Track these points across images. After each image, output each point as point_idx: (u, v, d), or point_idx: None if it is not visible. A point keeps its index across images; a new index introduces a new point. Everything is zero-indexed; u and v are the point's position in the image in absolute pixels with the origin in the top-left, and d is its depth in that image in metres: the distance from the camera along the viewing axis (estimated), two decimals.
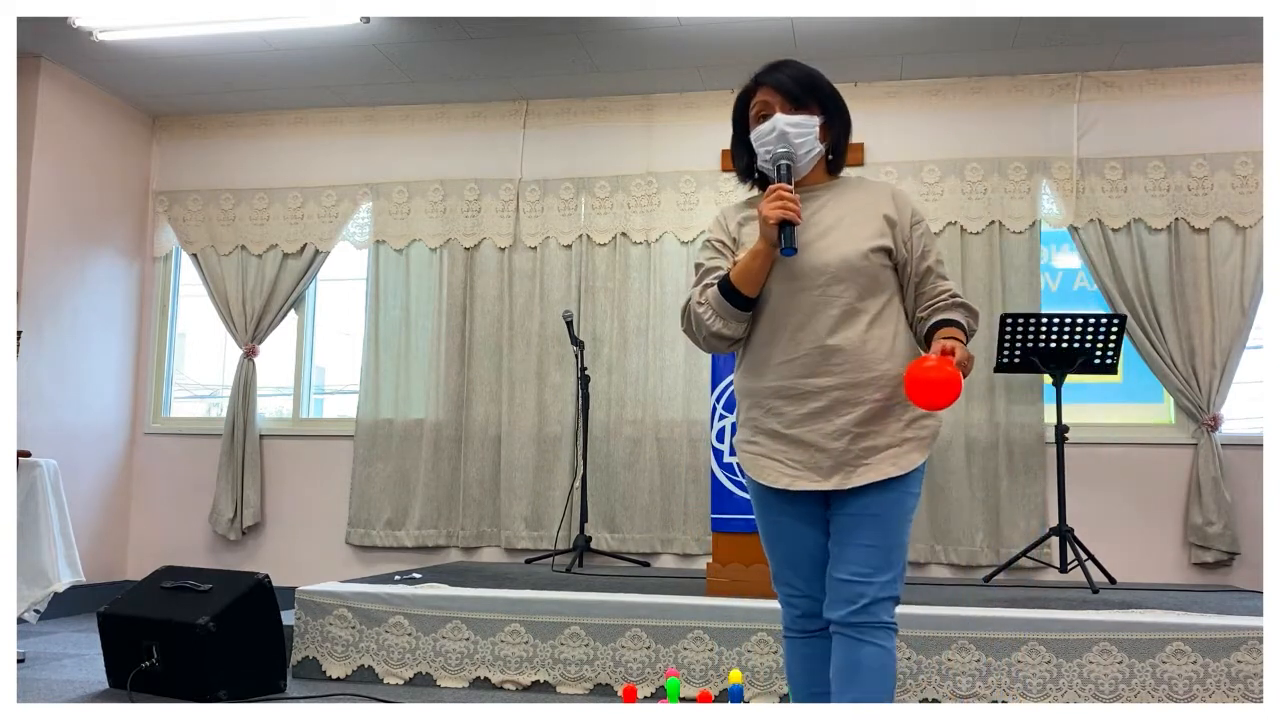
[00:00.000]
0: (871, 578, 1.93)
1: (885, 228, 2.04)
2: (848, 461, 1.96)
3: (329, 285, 5.95)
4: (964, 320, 2.03)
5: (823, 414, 1.98)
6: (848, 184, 2.13)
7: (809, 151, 2.06)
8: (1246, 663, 3.14)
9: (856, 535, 1.95)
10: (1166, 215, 4.98)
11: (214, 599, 3.30)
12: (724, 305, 2.04)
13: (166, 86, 5.52)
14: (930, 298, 2.06)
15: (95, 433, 5.52)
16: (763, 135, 2.06)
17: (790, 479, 2.00)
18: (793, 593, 2.07)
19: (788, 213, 1.94)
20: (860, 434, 1.96)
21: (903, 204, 2.09)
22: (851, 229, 2.03)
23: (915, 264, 2.06)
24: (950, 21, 4.61)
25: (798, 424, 2.00)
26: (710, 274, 2.11)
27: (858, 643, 1.91)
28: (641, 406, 5.27)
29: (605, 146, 5.52)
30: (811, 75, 2.09)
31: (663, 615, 3.47)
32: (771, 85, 2.08)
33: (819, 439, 1.98)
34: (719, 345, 2.11)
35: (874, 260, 2.01)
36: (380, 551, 5.47)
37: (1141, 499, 4.91)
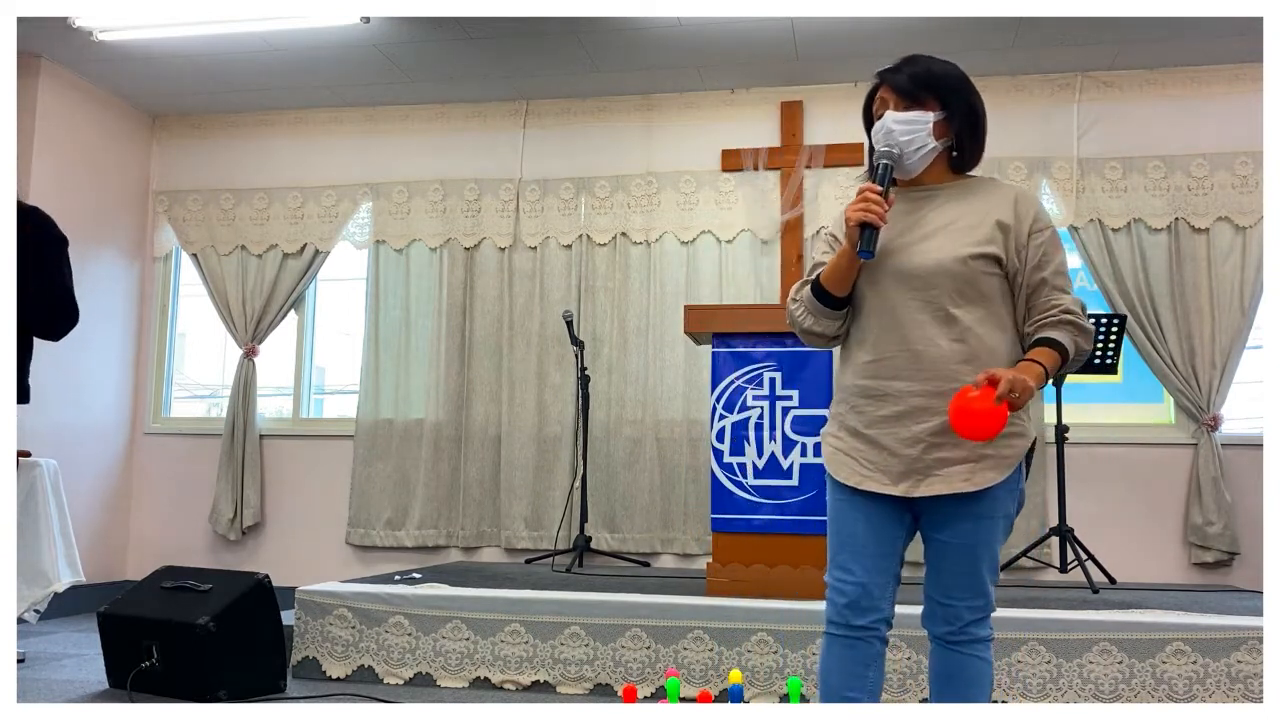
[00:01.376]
0: (965, 602, 1.96)
1: (996, 234, 1.95)
2: (918, 470, 1.93)
3: (329, 285, 5.95)
4: (1068, 340, 1.93)
5: (900, 419, 1.95)
6: (972, 185, 2.05)
7: (919, 149, 1.98)
8: (1246, 663, 3.14)
9: (950, 563, 1.96)
10: (1166, 215, 4.98)
11: (214, 599, 3.30)
12: (814, 303, 2.03)
13: (166, 86, 5.52)
14: (1040, 311, 1.97)
15: (95, 433, 5.52)
16: (875, 134, 2.01)
17: (860, 478, 1.98)
18: (845, 579, 1.97)
19: (869, 215, 1.89)
20: (935, 444, 1.92)
21: (1024, 210, 1.99)
22: (957, 233, 1.96)
23: (1029, 274, 1.96)
24: (950, 21, 4.61)
25: (875, 425, 1.97)
26: (815, 269, 2.09)
27: (959, 656, 1.97)
28: (641, 406, 5.27)
29: (605, 146, 5.52)
30: (932, 69, 2.01)
31: (663, 615, 3.47)
32: (887, 82, 2.03)
33: (893, 443, 1.95)
34: (815, 341, 2.11)
35: (974, 267, 1.93)
36: (380, 551, 5.47)
37: (1141, 499, 4.91)
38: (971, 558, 1.95)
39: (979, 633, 1.97)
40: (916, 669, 3.29)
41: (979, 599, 1.96)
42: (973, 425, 1.77)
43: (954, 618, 1.97)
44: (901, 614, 3.30)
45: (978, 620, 1.97)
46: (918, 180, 2.04)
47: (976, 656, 1.97)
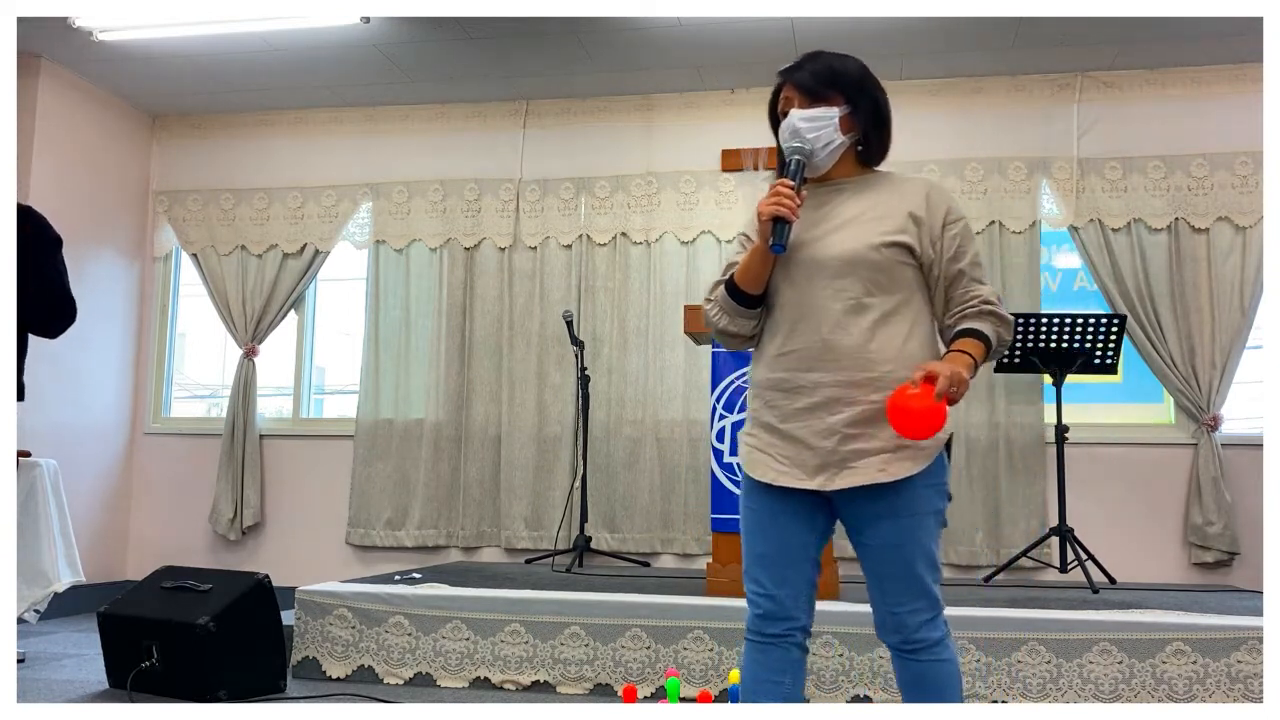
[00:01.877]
0: (907, 607, 1.90)
1: (909, 224, 1.95)
2: (833, 462, 1.89)
3: (329, 285, 5.95)
4: (990, 331, 1.94)
5: (814, 411, 1.91)
6: (881, 178, 2.04)
7: (828, 145, 1.97)
8: (1246, 663, 3.14)
9: (882, 568, 1.91)
10: (1166, 215, 4.98)
11: (214, 599, 3.30)
12: (729, 302, 2.01)
13: (166, 86, 5.52)
14: (959, 303, 1.97)
15: (95, 433, 5.52)
16: (782, 133, 2.00)
17: (776, 474, 1.94)
18: (758, 591, 1.96)
19: (780, 209, 1.88)
20: (850, 435, 1.89)
21: (936, 202, 1.99)
22: (868, 223, 1.95)
23: (945, 265, 1.96)
24: (950, 21, 4.61)
25: (790, 419, 1.94)
26: (729, 268, 2.07)
27: (921, 664, 1.92)
28: (641, 406, 5.27)
29: (605, 146, 5.52)
30: (834, 65, 2.01)
31: (663, 615, 3.47)
32: (790, 80, 2.02)
33: (808, 436, 1.91)
34: (731, 342, 2.08)
35: (887, 255, 1.92)
36: (380, 551, 5.48)
37: (1141, 499, 4.91)
38: (902, 559, 1.89)
39: (932, 635, 1.90)
40: None
41: (920, 600, 1.90)
42: (912, 424, 1.76)
43: (901, 625, 1.91)
44: None
45: (927, 623, 1.90)
46: (827, 176, 2.03)
47: (936, 660, 1.91)
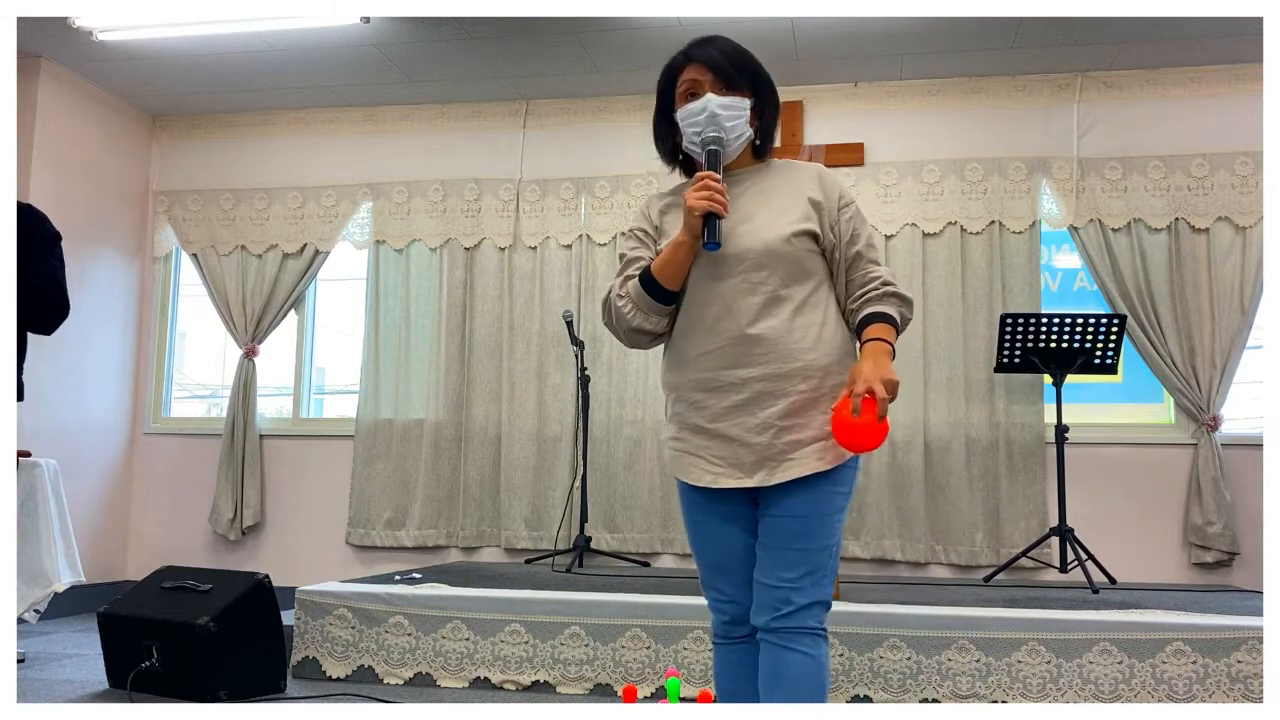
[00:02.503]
0: (796, 582, 1.83)
1: (810, 211, 1.94)
2: (771, 456, 1.86)
3: (329, 285, 5.95)
4: (895, 312, 1.92)
5: (745, 407, 1.88)
6: (773, 168, 2.03)
7: (739, 136, 1.95)
8: (1246, 663, 3.14)
9: (781, 538, 1.85)
10: (1166, 215, 4.98)
11: (214, 599, 3.30)
12: (644, 299, 1.94)
13: (166, 86, 5.52)
14: (860, 286, 1.95)
15: (95, 433, 5.52)
16: (692, 114, 1.94)
17: (713, 476, 1.90)
18: (720, 598, 1.97)
19: (714, 205, 1.84)
20: (785, 427, 1.86)
21: (829, 186, 1.98)
22: (774, 214, 1.93)
23: (844, 249, 1.95)
24: (950, 21, 4.61)
25: (720, 418, 1.90)
26: (631, 265, 2.01)
27: (783, 650, 1.82)
28: (641, 406, 5.27)
29: (605, 146, 5.52)
30: (744, 54, 1.98)
31: (663, 615, 3.47)
32: (703, 62, 1.95)
33: (742, 433, 1.88)
34: (640, 340, 2.01)
35: (798, 245, 1.91)
36: (380, 551, 5.48)
37: (1141, 499, 4.91)
38: (806, 530, 1.84)
39: (809, 621, 1.82)
40: (917, 669, 3.29)
41: (809, 579, 1.83)
42: (859, 440, 1.76)
43: (781, 601, 1.82)
44: (902, 614, 3.32)
45: (808, 606, 1.82)
46: (727, 167, 1.98)
47: (803, 652, 1.81)
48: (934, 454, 5.00)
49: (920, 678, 3.28)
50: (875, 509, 5.01)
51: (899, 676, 3.30)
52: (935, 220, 5.13)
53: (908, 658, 3.29)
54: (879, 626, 3.32)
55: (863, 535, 5.01)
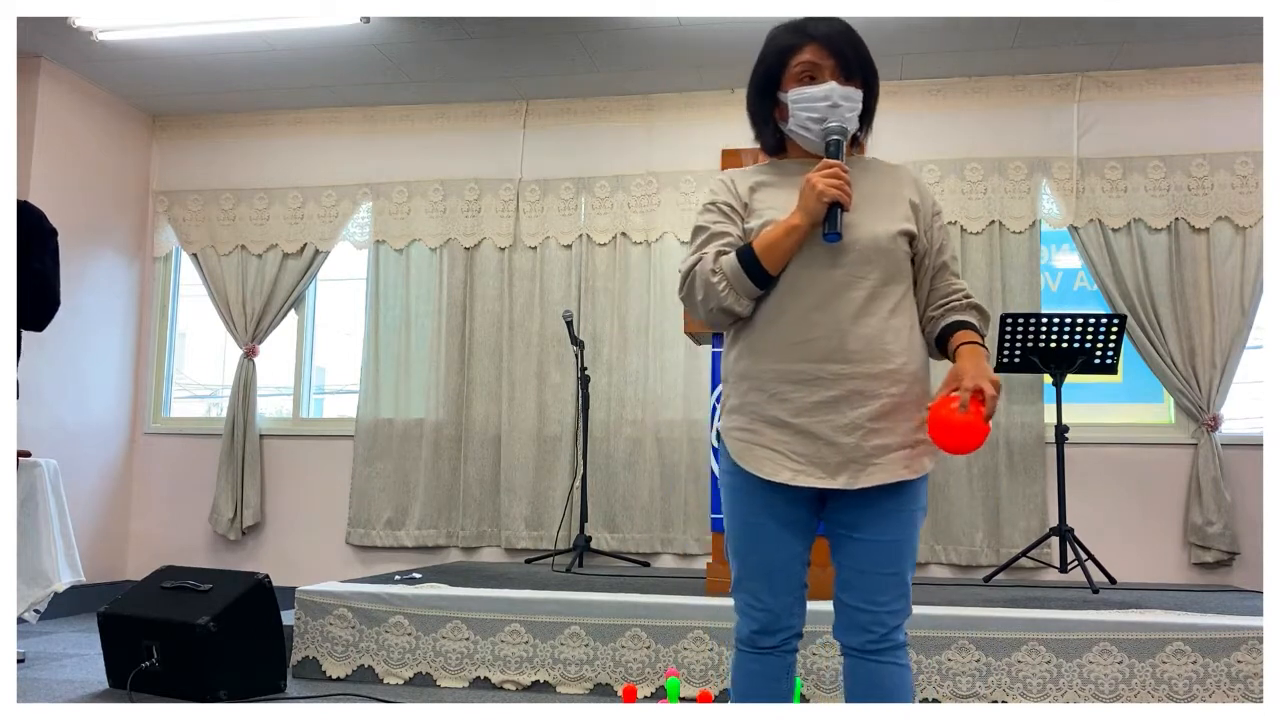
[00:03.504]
0: (890, 605, 1.81)
1: (910, 212, 1.89)
2: (858, 459, 1.79)
3: (329, 285, 5.95)
4: (978, 324, 1.90)
5: (835, 404, 1.79)
6: (869, 164, 1.97)
7: (850, 130, 1.90)
8: (1246, 663, 3.14)
9: (874, 563, 1.81)
10: (1166, 215, 4.98)
11: (214, 599, 3.30)
12: (741, 279, 1.82)
13: (166, 86, 5.52)
14: (943, 295, 1.92)
15: (95, 433, 5.52)
16: (812, 99, 1.87)
17: (792, 473, 1.80)
18: (754, 605, 1.86)
19: (843, 194, 1.77)
20: (874, 430, 1.79)
21: (925, 191, 1.95)
22: (880, 209, 1.87)
23: (934, 256, 1.92)
24: (950, 21, 4.61)
25: (806, 413, 1.80)
26: (716, 239, 1.89)
27: (878, 666, 1.82)
28: (641, 406, 5.27)
29: (605, 146, 5.52)
30: (862, 42, 1.92)
31: (663, 615, 3.47)
32: (826, 46, 1.88)
33: (829, 431, 1.79)
34: (722, 321, 1.89)
35: (899, 245, 1.85)
36: (380, 551, 5.48)
37: (1141, 499, 4.91)
38: (897, 555, 1.81)
39: (899, 638, 1.83)
40: (917, 669, 3.29)
41: (901, 601, 1.82)
42: (957, 439, 1.72)
43: (876, 624, 1.81)
44: None
45: (900, 625, 1.83)
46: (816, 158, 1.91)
47: (895, 664, 1.82)
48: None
49: (920, 678, 3.28)
50: None
51: None
52: None
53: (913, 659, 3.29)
54: None
55: None
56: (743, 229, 1.90)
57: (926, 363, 1.91)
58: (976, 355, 1.83)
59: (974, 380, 1.74)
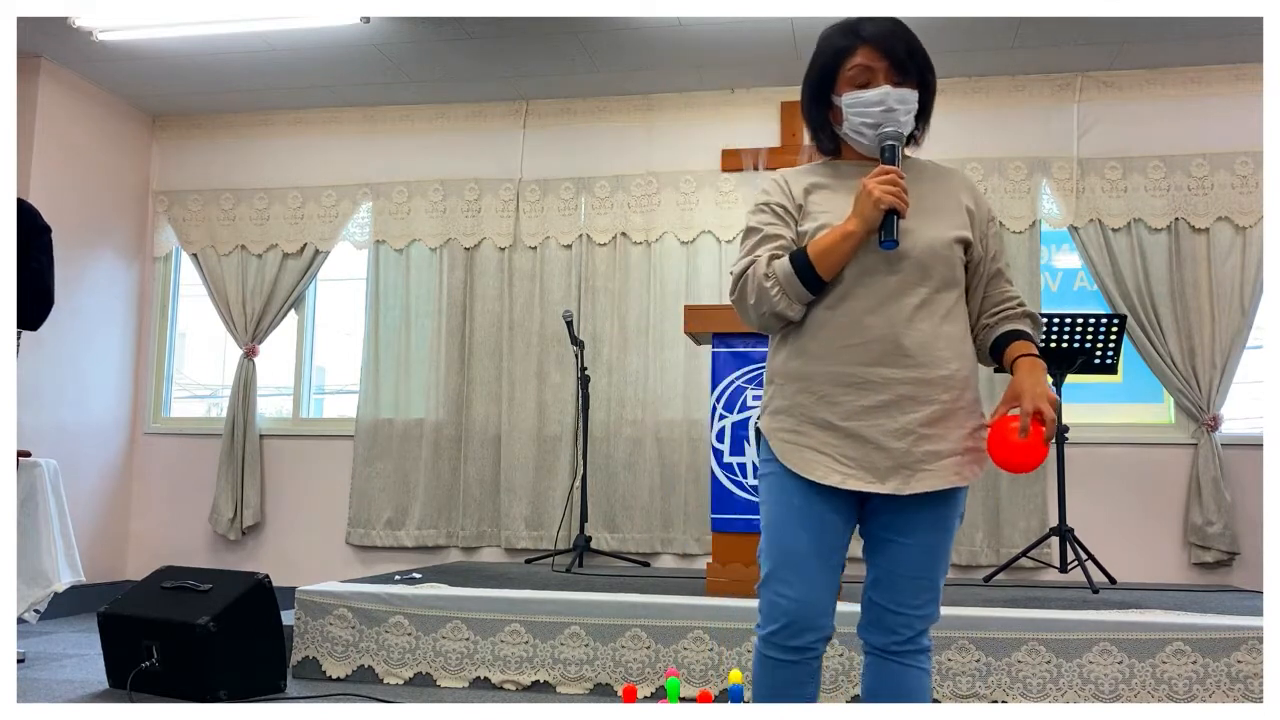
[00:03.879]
0: (922, 609, 1.84)
1: (966, 219, 1.88)
2: (908, 464, 1.78)
3: (329, 285, 5.95)
4: (1033, 333, 1.90)
5: (886, 409, 1.78)
6: (924, 167, 1.95)
7: (905, 133, 1.88)
8: (1246, 663, 3.14)
9: (914, 568, 1.82)
10: (1166, 215, 4.98)
11: (214, 599, 3.30)
12: (794, 284, 1.81)
13: (166, 86, 5.52)
14: (997, 303, 1.92)
15: (95, 433, 5.52)
16: (866, 104, 1.84)
17: (842, 476, 1.79)
18: (783, 597, 1.80)
19: (900, 201, 1.75)
20: (925, 435, 1.79)
21: (980, 197, 1.94)
22: (937, 214, 1.86)
23: (988, 263, 1.91)
24: (950, 21, 4.61)
25: (856, 416, 1.79)
26: (769, 242, 1.87)
27: (902, 668, 1.84)
28: (641, 406, 5.27)
29: (605, 146, 5.52)
30: (917, 41, 1.88)
31: (663, 615, 3.47)
32: (879, 48, 1.84)
33: (880, 436, 1.78)
34: (773, 325, 1.88)
35: (955, 251, 1.84)
36: (380, 551, 5.48)
37: (1141, 499, 4.91)
38: (932, 560, 1.83)
39: (924, 642, 1.85)
40: None
41: (931, 606, 1.84)
42: (1019, 460, 1.73)
43: (904, 626, 1.83)
44: None
45: (926, 629, 1.85)
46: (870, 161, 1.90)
47: (918, 667, 1.84)
48: None
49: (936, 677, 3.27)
50: None
51: None
52: None
53: None
54: None
55: None
56: (796, 231, 1.88)
57: (976, 369, 1.91)
58: (1035, 370, 1.83)
59: (1033, 401, 1.76)
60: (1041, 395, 1.77)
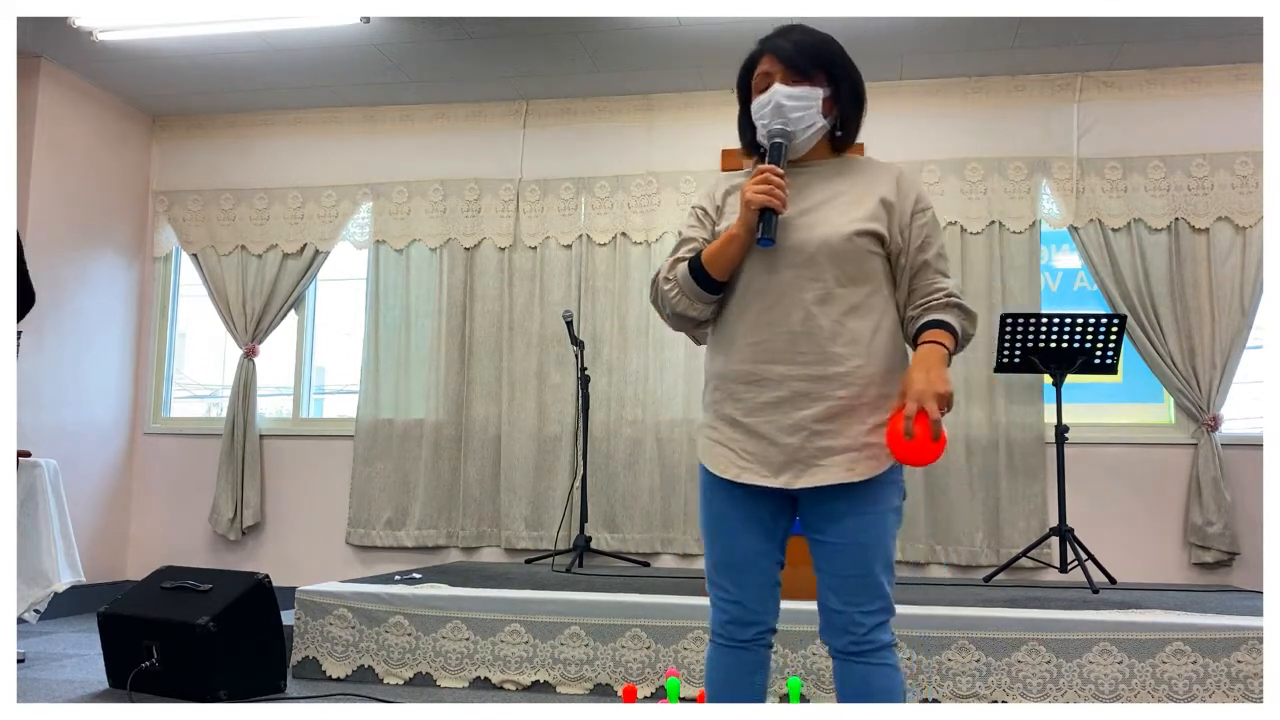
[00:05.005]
0: (865, 605, 1.81)
1: (880, 211, 1.86)
2: (800, 460, 1.81)
3: (329, 285, 5.95)
4: (957, 324, 1.86)
5: (780, 405, 1.82)
6: (851, 162, 1.96)
7: (810, 127, 1.89)
8: (1246, 663, 3.14)
9: (843, 565, 1.82)
10: (1166, 215, 4.98)
11: (214, 599, 3.30)
12: (691, 286, 1.89)
13: (166, 86, 5.52)
14: (923, 295, 1.88)
15: (95, 433, 5.52)
16: (760, 107, 1.90)
17: (739, 470, 1.85)
18: (725, 597, 1.89)
19: (772, 199, 1.79)
20: (819, 432, 1.80)
21: (906, 188, 1.90)
22: (840, 209, 1.86)
23: (912, 255, 1.88)
24: (950, 21, 4.61)
25: (755, 413, 1.84)
26: (685, 245, 1.97)
27: (864, 667, 1.82)
28: (641, 406, 5.27)
29: (605, 146, 5.52)
30: (818, 42, 1.91)
31: (663, 615, 3.47)
32: (773, 53, 1.91)
33: (774, 431, 1.82)
34: (684, 325, 1.98)
35: (859, 244, 1.83)
36: (380, 551, 5.48)
37: (1141, 499, 4.91)
38: (863, 557, 1.81)
39: (882, 638, 1.82)
40: (917, 669, 3.29)
41: (876, 602, 1.82)
42: (913, 456, 1.73)
43: (854, 625, 1.81)
44: (902, 614, 3.32)
45: (880, 625, 1.82)
46: (800, 159, 1.94)
47: (883, 664, 1.82)
48: None
49: (920, 678, 3.28)
50: None
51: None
52: None
53: (908, 658, 3.29)
54: None
55: None
56: (713, 232, 1.97)
57: (897, 367, 1.88)
58: (927, 361, 1.80)
59: (916, 401, 1.74)
60: (924, 392, 1.74)
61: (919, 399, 1.73)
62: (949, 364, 1.82)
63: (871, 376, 1.83)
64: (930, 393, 1.73)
